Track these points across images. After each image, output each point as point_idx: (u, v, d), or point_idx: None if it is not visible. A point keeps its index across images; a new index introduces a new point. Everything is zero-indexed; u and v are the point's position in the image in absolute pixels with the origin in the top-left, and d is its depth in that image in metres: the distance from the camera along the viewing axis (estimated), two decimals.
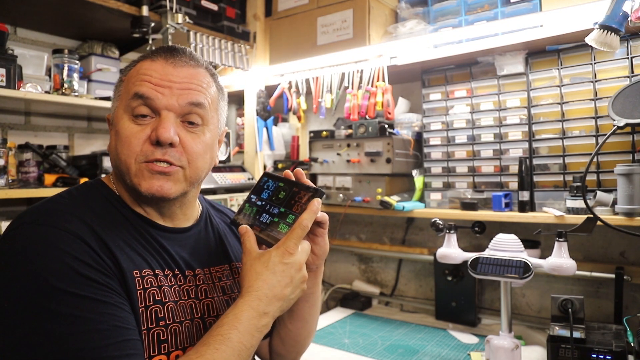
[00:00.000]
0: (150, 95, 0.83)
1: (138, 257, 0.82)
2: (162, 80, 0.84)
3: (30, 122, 1.89)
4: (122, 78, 0.90)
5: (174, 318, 0.82)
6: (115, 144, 0.85)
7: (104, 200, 0.86)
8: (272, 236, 0.86)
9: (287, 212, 0.87)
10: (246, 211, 0.95)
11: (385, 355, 1.57)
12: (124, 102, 0.85)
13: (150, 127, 0.83)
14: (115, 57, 2.00)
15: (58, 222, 0.75)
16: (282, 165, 2.35)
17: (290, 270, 0.80)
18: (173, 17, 1.83)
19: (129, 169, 0.83)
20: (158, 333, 0.79)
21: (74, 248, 0.73)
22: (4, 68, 1.45)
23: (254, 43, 2.26)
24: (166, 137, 0.81)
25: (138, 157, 0.82)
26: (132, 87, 0.84)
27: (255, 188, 0.98)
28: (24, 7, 1.66)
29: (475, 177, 1.82)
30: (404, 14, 1.98)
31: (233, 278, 1.00)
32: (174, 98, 0.84)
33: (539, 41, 1.61)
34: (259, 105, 2.32)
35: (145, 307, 0.79)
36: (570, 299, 1.33)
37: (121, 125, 0.84)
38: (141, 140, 0.82)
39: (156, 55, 0.88)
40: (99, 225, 0.79)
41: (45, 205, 0.80)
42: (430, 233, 2.16)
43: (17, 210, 1.81)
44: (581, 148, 1.60)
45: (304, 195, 0.88)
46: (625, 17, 1.36)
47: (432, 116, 1.93)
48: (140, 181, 0.82)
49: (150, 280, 0.81)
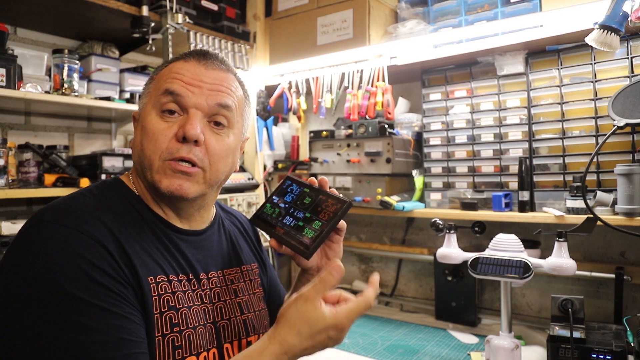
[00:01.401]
0: (180, 93, 0.84)
1: (153, 263, 0.82)
2: (193, 79, 0.86)
3: (30, 122, 1.89)
4: (152, 77, 0.91)
5: (187, 324, 0.82)
6: (141, 139, 0.85)
7: (123, 200, 0.86)
8: (296, 239, 0.87)
9: (313, 218, 0.88)
10: (267, 211, 0.96)
11: (385, 355, 1.57)
12: (153, 99, 0.87)
13: (178, 124, 0.84)
14: (115, 57, 2.00)
15: (77, 223, 0.74)
16: (282, 165, 2.35)
17: (328, 342, 0.75)
18: (173, 17, 1.83)
19: (152, 164, 0.83)
20: (173, 339, 0.79)
21: (91, 252, 0.72)
22: (4, 68, 1.45)
23: (254, 43, 2.26)
24: (193, 133, 0.82)
25: (163, 154, 0.83)
26: (163, 84, 0.86)
27: (278, 190, 0.99)
28: (24, 7, 1.66)
29: (475, 177, 1.82)
30: (404, 14, 1.98)
31: (244, 281, 1.00)
32: (203, 97, 0.85)
33: (539, 41, 1.61)
34: (259, 105, 2.32)
35: (160, 313, 0.78)
36: (570, 299, 1.33)
37: (148, 121, 0.85)
38: (168, 137, 0.83)
39: (189, 56, 0.90)
40: (118, 227, 0.79)
41: (66, 204, 0.79)
42: (430, 233, 2.16)
43: (17, 210, 1.81)
44: (581, 148, 1.60)
45: (332, 204, 0.89)
46: (625, 17, 1.36)
47: (432, 116, 1.93)
48: (161, 178, 0.83)
49: (164, 286, 0.81)
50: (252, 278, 1.03)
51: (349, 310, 0.74)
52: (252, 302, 0.99)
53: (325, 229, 0.86)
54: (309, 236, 0.86)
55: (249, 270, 1.03)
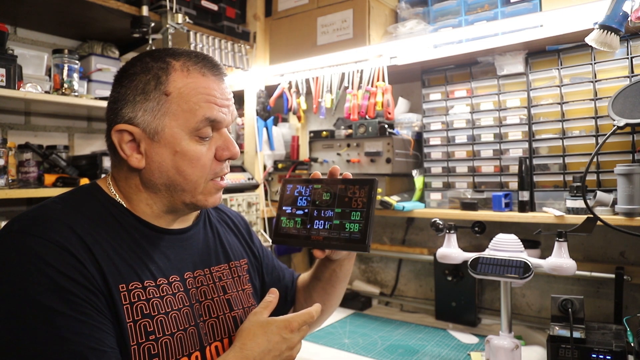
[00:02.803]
0: (221, 120, 0.86)
1: (127, 269, 0.80)
2: (222, 100, 0.87)
3: (30, 122, 1.89)
4: (164, 90, 0.82)
5: (164, 331, 0.81)
6: (177, 163, 0.83)
7: (99, 205, 0.85)
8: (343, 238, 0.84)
9: (348, 211, 0.85)
10: (286, 225, 0.91)
11: (385, 355, 1.57)
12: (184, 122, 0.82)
13: (214, 145, 0.88)
14: (115, 57, 2.00)
15: (46, 232, 0.74)
16: (282, 165, 2.35)
17: (283, 345, 0.84)
18: (173, 17, 1.83)
19: (197, 188, 0.86)
20: (149, 347, 0.78)
21: (58, 261, 0.72)
22: (4, 68, 1.45)
23: (254, 43, 2.26)
24: (237, 152, 0.89)
25: (208, 176, 0.87)
26: (199, 109, 0.82)
27: (284, 198, 0.93)
28: (24, 7, 1.66)
29: (475, 177, 1.82)
30: (404, 14, 1.98)
31: (232, 277, 1.00)
32: (229, 116, 0.89)
33: (539, 41, 1.61)
34: (259, 105, 2.32)
35: (133, 321, 0.78)
36: (570, 299, 1.33)
37: (186, 146, 0.83)
38: (210, 159, 0.87)
39: (204, 69, 0.86)
40: (90, 234, 0.78)
41: (36, 212, 0.79)
42: (430, 233, 2.16)
43: (17, 210, 1.81)
44: (581, 148, 1.60)
45: (357, 189, 0.86)
46: (625, 17, 1.36)
47: (432, 116, 1.93)
48: (207, 197, 0.88)
49: (137, 293, 0.80)
50: (240, 274, 1.03)
51: (296, 314, 0.87)
52: (241, 299, 0.99)
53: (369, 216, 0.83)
54: (355, 229, 0.83)
55: (237, 267, 1.03)
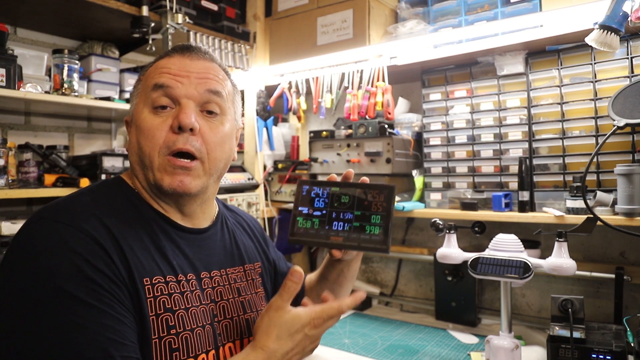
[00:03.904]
0: (169, 84, 0.85)
1: (151, 263, 0.81)
2: (180, 70, 0.86)
3: (30, 122, 1.89)
4: (140, 78, 0.92)
5: (184, 326, 0.81)
6: (137, 138, 0.86)
7: (124, 199, 0.86)
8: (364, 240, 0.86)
9: (368, 214, 0.88)
10: (302, 225, 0.91)
11: (385, 355, 1.57)
12: (143, 97, 0.88)
13: (171, 116, 0.85)
14: (115, 57, 2.00)
15: (75, 221, 0.75)
16: (282, 165, 2.35)
17: (307, 341, 0.81)
18: (173, 17, 1.83)
19: (152, 162, 0.84)
20: (170, 342, 0.78)
21: (87, 250, 0.72)
22: (4, 68, 1.45)
23: (254, 43, 2.26)
24: (187, 122, 0.83)
25: (162, 150, 0.84)
26: (151, 80, 0.87)
27: (301, 199, 0.94)
28: (24, 7, 1.66)
29: (475, 177, 1.82)
30: (404, 14, 1.98)
31: (246, 280, 1.00)
32: (193, 87, 0.86)
33: (539, 41, 1.61)
34: (259, 105, 2.32)
35: (155, 315, 0.78)
36: (570, 299, 1.33)
37: (142, 118, 0.85)
38: (164, 131, 0.84)
39: (172, 52, 0.91)
40: (117, 226, 0.79)
41: (65, 202, 0.80)
42: (430, 233, 2.16)
43: (17, 211, 1.81)
44: (581, 148, 1.60)
45: (376, 194, 0.89)
46: (625, 17, 1.36)
47: (432, 116, 1.93)
48: (163, 176, 0.84)
49: (160, 287, 0.81)
50: (254, 277, 1.03)
51: (322, 309, 0.81)
52: (254, 302, 0.99)
53: (390, 220, 0.86)
54: (376, 232, 0.86)
55: (251, 270, 1.03)
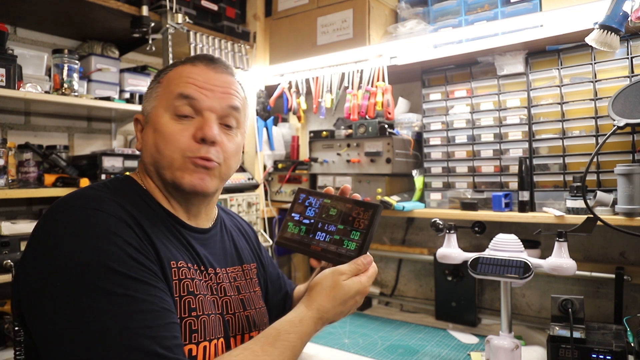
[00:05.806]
0: (195, 97, 0.88)
1: (172, 249, 0.85)
2: (205, 83, 0.90)
3: (30, 122, 1.89)
4: (159, 80, 0.94)
5: (203, 310, 0.85)
6: (155, 140, 0.88)
7: (136, 195, 0.89)
8: (338, 253, 0.89)
9: (349, 229, 0.90)
10: (291, 230, 0.96)
11: (385, 355, 1.57)
12: (165, 102, 0.90)
13: (193, 126, 0.88)
14: (115, 57, 2.00)
15: (105, 207, 0.78)
16: (282, 165, 2.35)
17: (355, 304, 0.89)
18: (173, 17, 1.83)
19: (173, 162, 0.87)
20: (190, 323, 0.82)
21: (123, 232, 0.76)
22: (4, 68, 1.45)
23: (254, 43, 2.26)
24: (212, 135, 0.87)
25: (184, 152, 0.87)
26: (176, 88, 0.90)
27: (295, 206, 0.98)
28: (24, 7, 1.66)
29: (475, 177, 1.82)
30: (404, 14, 1.98)
31: (245, 279, 1.04)
32: (216, 100, 0.90)
33: (539, 41, 1.61)
34: (259, 105, 2.32)
35: (179, 297, 0.82)
36: (570, 299, 1.33)
37: (162, 123, 0.88)
38: (185, 137, 0.87)
39: (196, 60, 0.94)
40: (138, 214, 0.82)
41: (88, 191, 0.83)
42: (430, 233, 2.16)
43: (17, 211, 1.81)
44: (581, 148, 1.60)
45: (362, 211, 0.90)
46: (625, 17, 1.36)
47: (432, 116, 1.93)
48: (183, 174, 0.87)
49: (184, 271, 0.85)
50: (252, 277, 1.07)
51: (369, 277, 0.89)
52: (253, 300, 1.03)
53: (367, 237, 0.88)
54: (352, 248, 0.88)
55: (249, 270, 1.07)
